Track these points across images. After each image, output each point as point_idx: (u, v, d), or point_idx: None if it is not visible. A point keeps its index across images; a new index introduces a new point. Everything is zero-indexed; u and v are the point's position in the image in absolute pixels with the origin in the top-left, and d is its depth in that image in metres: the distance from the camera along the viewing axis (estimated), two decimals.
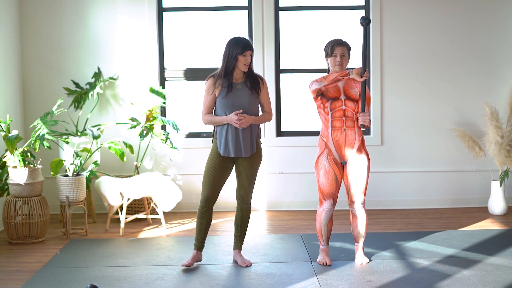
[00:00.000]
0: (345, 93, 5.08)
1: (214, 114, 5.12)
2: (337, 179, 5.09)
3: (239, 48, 4.97)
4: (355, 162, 5.08)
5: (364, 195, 5.13)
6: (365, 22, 4.96)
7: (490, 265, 5.06)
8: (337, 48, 5.06)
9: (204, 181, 5.10)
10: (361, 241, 5.20)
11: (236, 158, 5.13)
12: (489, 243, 5.71)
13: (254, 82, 5.10)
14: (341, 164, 5.11)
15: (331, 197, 5.10)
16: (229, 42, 5.04)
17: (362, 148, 5.10)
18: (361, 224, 5.15)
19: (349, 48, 5.12)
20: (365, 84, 5.00)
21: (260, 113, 5.22)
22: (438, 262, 5.16)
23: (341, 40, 5.12)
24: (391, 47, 7.16)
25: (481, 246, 5.59)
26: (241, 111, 4.98)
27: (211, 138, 5.28)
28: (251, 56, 5.04)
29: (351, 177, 5.09)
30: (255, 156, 5.14)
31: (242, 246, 5.28)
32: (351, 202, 5.15)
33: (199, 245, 5.18)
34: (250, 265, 5.16)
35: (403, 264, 5.14)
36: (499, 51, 7.20)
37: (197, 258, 5.18)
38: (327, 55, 5.12)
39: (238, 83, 5.08)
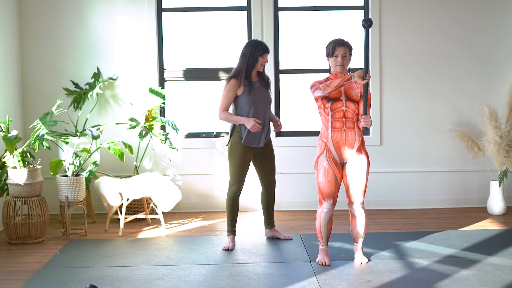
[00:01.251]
0: (346, 94, 5.08)
1: (237, 109, 5.60)
2: (336, 180, 5.09)
3: (260, 50, 5.52)
4: (355, 163, 5.08)
5: (364, 195, 5.13)
6: (367, 24, 4.95)
7: (489, 265, 5.06)
8: (338, 49, 5.06)
9: (236, 175, 5.62)
10: (360, 241, 5.20)
11: (256, 148, 5.66)
12: (488, 243, 5.72)
13: (266, 80, 5.71)
14: (341, 165, 5.12)
15: (330, 197, 5.10)
16: (250, 44, 5.59)
17: (362, 148, 5.10)
18: (360, 224, 5.16)
19: (350, 49, 5.12)
20: (367, 86, 5.00)
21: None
22: (437, 262, 5.17)
23: (343, 40, 5.11)
24: (390, 47, 7.16)
25: (480, 246, 5.60)
26: (260, 121, 5.54)
27: (228, 137, 5.68)
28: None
29: (350, 177, 5.10)
30: (269, 141, 5.77)
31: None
32: (351, 203, 5.15)
33: (233, 230, 5.75)
34: (291, 239, 5.86)
35: (402, 264, 5.14)
36: (498, 51, 7.21)
37: (234, 241, 5.75)
38: (328, 55, 5.12)
39: (255, 81, 5.62)
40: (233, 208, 5.68)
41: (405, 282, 4.72)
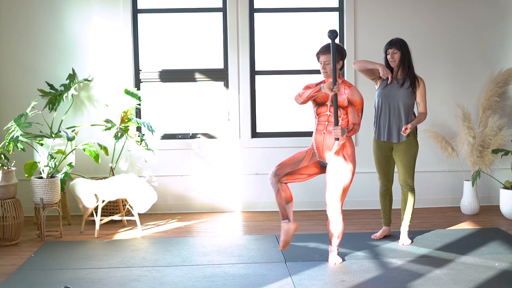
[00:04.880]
0: (332, 100, 5.11)
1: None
2: (300, 162, 5.18)
3: (385, 47, 5.76)
4: (331, 166, 5.13)
5: (340, 200, 5.13)
6: (333, 35, 4.92)
7: (462, 264, 5.13)
8: (321, 57, 5.10)
9: (376, 170, 5.97)
10: (334, 242, 5.24)
11: (392, 144, 5.78)
12: (461, 242, 5.78)
13: (411, 80, 5.69)
14: (319, 163, 5.19)
15: (284, 166, 5.17)
16: None
17: (340, 151, 5.13)
18: (334, 226, 5.19)
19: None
20: (337, 97, 5.03)
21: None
22: (411, 262, 5.22)
23: (325, 48, 5.11)
24: (365, 48, 7.21)
25: (453, 246, 5.67)
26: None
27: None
28: (394, 53, 5.68)
29: (327, 180, 5.14)
30: (407, 140, 5.72)
31: (408, 226, 5.87)
32: (326, 204, 5.19)
33: (386, 222, 6.03)
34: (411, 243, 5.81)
35: (376, 263, 5.19)
36: (472, 52, 7.30)
37: (386, 232, 6.01)
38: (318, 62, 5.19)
39: (395, 78, 5.74)
40: (380, 201, 6.01)
41: (379, 282, 4.76)
